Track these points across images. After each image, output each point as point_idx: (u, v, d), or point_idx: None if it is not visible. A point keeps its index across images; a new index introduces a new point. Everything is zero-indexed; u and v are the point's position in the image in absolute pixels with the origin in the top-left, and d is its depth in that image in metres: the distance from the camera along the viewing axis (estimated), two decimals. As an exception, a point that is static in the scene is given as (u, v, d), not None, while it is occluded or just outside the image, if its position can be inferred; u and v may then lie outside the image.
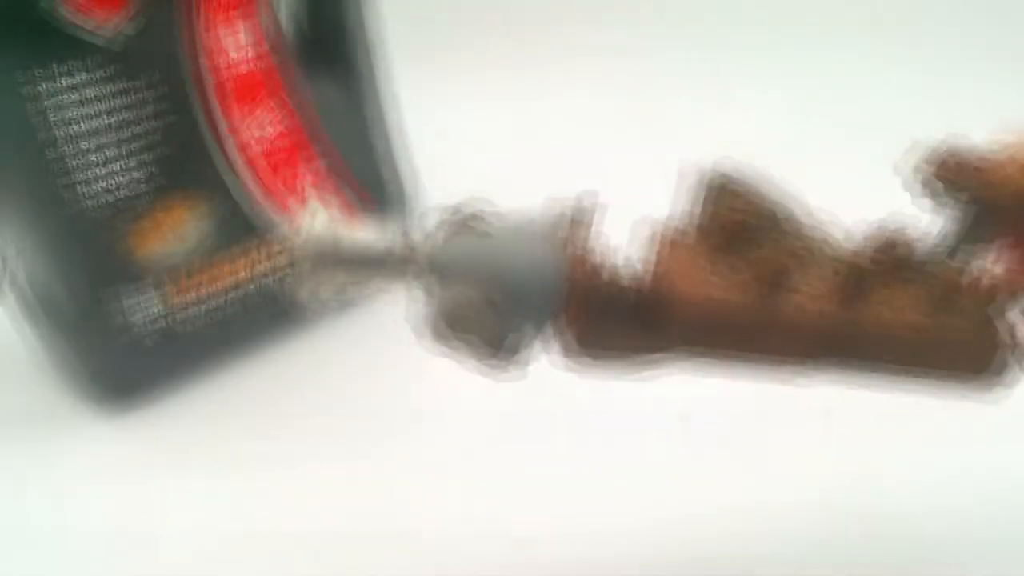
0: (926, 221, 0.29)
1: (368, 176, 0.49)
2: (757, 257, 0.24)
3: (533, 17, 0.84)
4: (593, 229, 0.26)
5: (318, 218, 0.23)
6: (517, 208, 0.26)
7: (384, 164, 0.52)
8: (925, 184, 0.27)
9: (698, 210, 0.27)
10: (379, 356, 0.48)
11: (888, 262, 0.25)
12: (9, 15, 0.33)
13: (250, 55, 0.40)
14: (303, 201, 0.45)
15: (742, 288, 0.24)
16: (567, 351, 0.24)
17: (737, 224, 0.24)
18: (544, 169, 0.67)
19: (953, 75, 0.76)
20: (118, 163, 0.37)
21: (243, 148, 0.41)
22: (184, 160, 0.40)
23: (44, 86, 0.34)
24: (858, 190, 0.57)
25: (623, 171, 0.65)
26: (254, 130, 0.41)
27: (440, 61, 0.76)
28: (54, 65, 0.34)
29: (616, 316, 0.25)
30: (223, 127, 0.40)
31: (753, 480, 0.41)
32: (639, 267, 0.26)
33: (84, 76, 0.35)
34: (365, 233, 0.24)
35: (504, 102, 0.76)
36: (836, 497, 0.40)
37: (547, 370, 0.27)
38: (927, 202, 0.27)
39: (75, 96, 0.35)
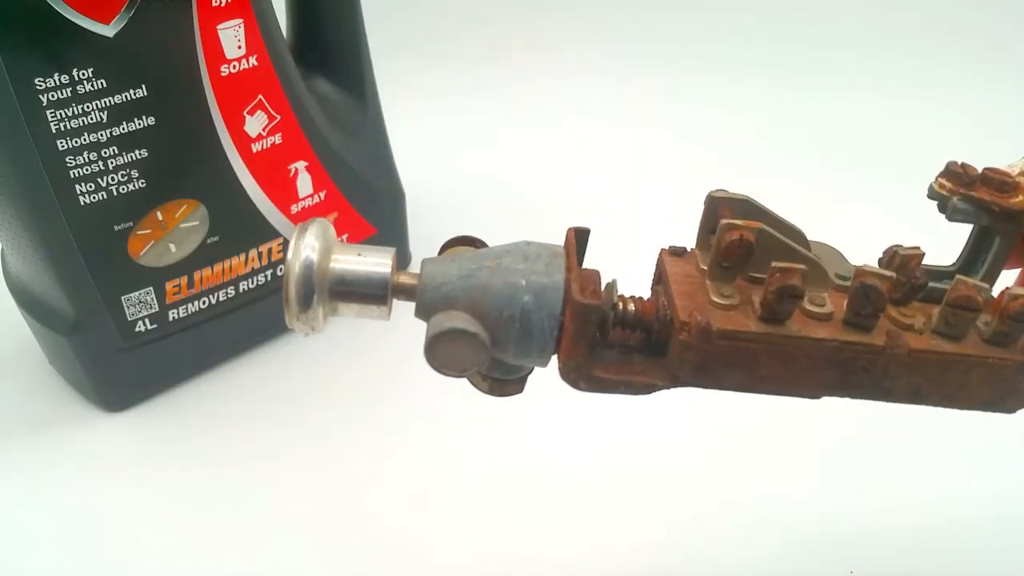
0: (941, 241, 0.28)
1: (365, 176, 0.49)
2: (762, 280, 0.23)
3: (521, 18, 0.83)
4: (591, 255, 0.25)
5: (306, 247, 0.22)
6: (510, 236, 0.25)
7: (380, 164, 0.52)
8: (942, 203, 0.26)
9: (700, 232, 0.26)
10: (374, 355, 0.48)
11: (902, 283, 0.24)
12: (8, 14, 0.33)
13: (248, 56, 0.40)
14: (298, 202, 0.46)
15: (747, 313, 0.23)
16: (565, 377, 0.23)
17: (740, 247, 0.23)
18: (540, 186, 0.67)
19: (975, 95, 0.75)
20: (116, 162, 0.38)
21: (241, 148, 0.41)
22: (182, 161, 0.40)
23: (42, 85, 0.34)
24: (871, 211, 0.57)
25: (621, 197, 0.64)
26: (251, 130, 0.42)
27: (418, 63, 0.76)
28: (52, 65, 0.34)
29: (616, 343, 0.24)
30: (221, 127, 0.40)
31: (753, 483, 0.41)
32: (639, 293, 0.25)
33: (82, 76, 0.35)
34: (356, 263, 0.23)
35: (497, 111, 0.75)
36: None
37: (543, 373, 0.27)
38: (944, 221, 0.26)
39: (73, 96, 0.35)
